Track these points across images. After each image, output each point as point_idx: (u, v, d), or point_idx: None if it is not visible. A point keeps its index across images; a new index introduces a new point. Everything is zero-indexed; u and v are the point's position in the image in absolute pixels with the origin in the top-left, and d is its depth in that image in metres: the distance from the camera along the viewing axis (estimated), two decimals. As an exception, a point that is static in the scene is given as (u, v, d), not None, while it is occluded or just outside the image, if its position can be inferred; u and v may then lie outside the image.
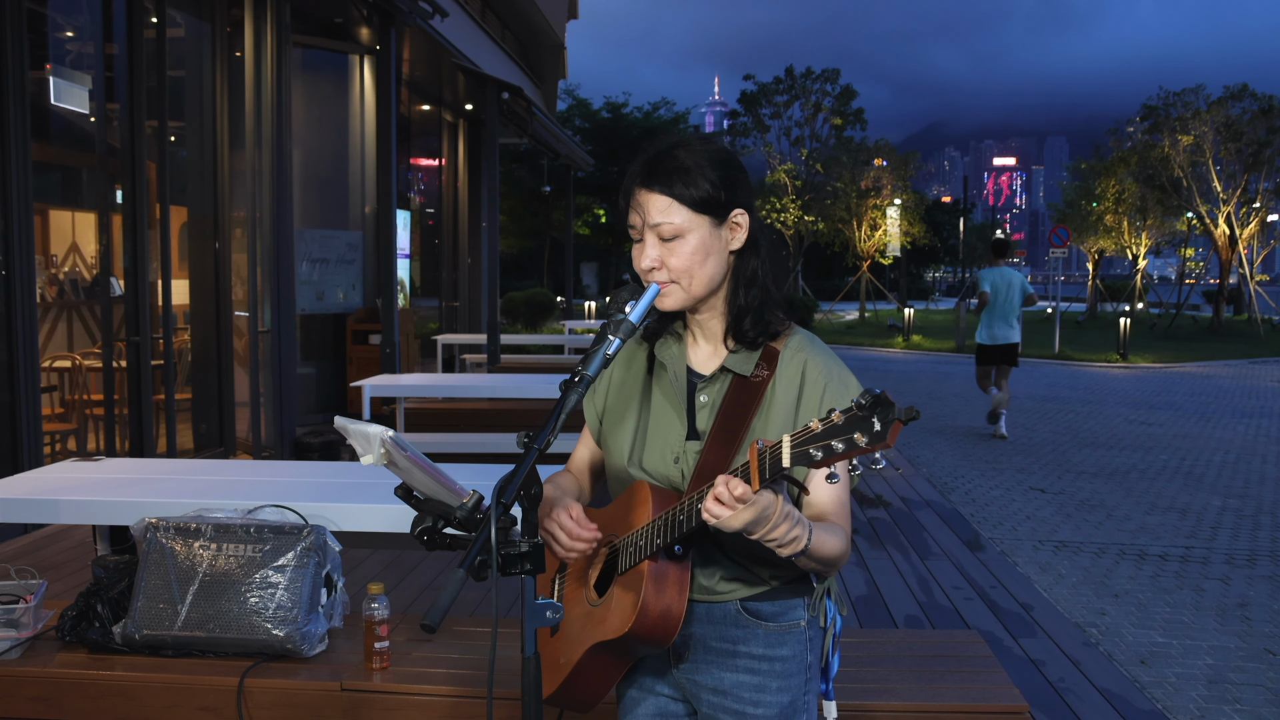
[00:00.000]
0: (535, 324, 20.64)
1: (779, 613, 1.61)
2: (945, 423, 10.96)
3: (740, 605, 1.60)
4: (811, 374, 1.57)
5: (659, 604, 1.44)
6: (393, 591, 4.27)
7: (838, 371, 1.59)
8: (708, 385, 1.60)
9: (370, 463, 1.47)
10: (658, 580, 1.45)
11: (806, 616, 1.63)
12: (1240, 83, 27.10)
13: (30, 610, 2.51)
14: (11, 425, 4.92)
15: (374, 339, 9.47)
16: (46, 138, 5.86)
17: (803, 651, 1.62)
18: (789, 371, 1.57)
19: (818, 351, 1.60)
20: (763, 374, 1.57)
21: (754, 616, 1.60)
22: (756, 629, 1.60)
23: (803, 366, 1.58)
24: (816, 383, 1.56)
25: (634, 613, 1.43)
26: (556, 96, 19.81)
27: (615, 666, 1.56)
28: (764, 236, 1.60)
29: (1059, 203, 39.06)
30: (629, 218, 1.56)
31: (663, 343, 1.65)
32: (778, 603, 1.61)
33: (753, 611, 1.60)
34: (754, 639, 1.60)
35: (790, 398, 1.56)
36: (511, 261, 36.76)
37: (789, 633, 1.61)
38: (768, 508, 1.30)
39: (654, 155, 1.54)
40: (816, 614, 1.65)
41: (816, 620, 1.65)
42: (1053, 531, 6.33)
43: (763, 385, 1.56)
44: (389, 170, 8.09)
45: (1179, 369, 18.29)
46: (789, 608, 1.62)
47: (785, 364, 1.58)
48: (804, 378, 1.57)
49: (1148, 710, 3.58)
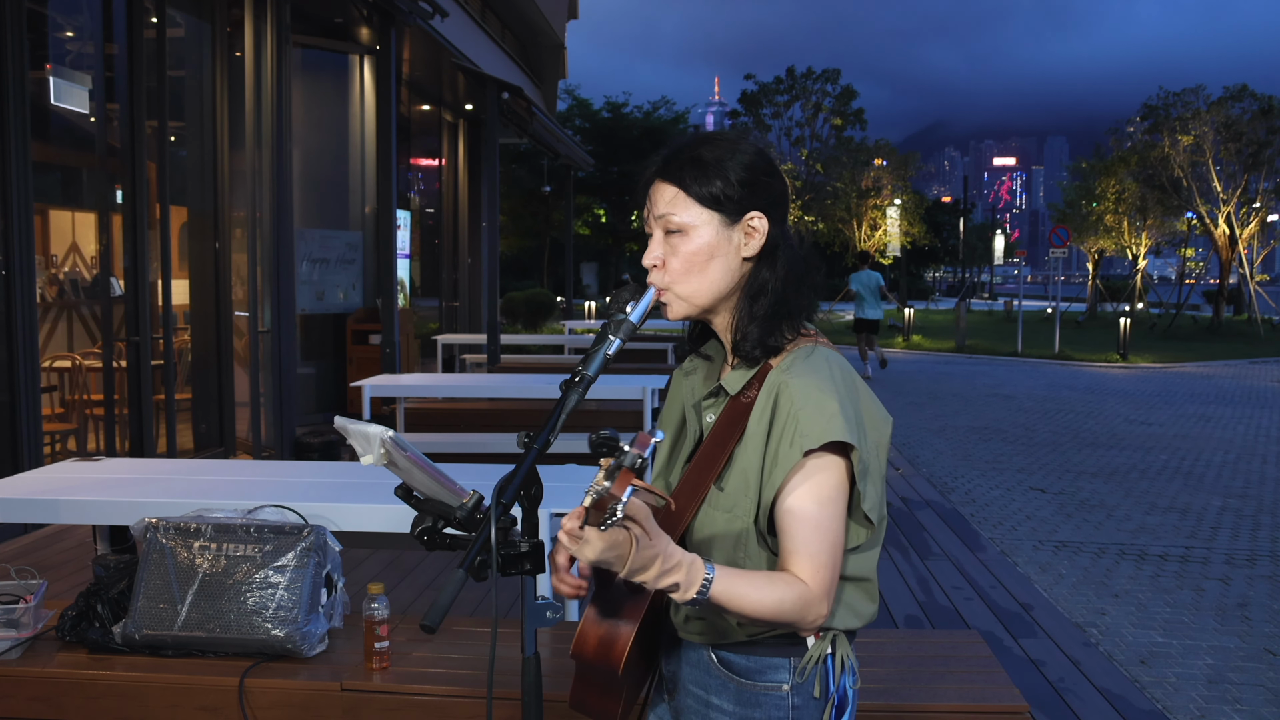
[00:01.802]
0: (535, 324, 20.64)
1: (755, 669, 1.43)
2: (945, 423, 10.96)
3: (713, 652, 1.45)
4: (784, 403, 1.36)
5: (597, 630, 1.36)
6: (393, 591, 4.27)
7: (816, 397, 1.35)
8: (711, 404, 1.48)
9: (370, 463, 1.47)
10: (601, 606, 1.37)
11: (792, 681, 1.42)
12: (1240, 83, 27.14)
13: (30, 610, 2.51)
14: (11, 425, 4.92)
15: (374, 339, 9.47)
16: (46, 138, 5.86)
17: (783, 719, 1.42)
18: (766, 395, 1.39)
19: (802, 372, 1.38)
20: (751, 395, 1.41)
21: (726, 668, 1.44)
22: (728, 683, 1.43)
23: (776, 393, 1.37)
24: (785, 410, 1.36)
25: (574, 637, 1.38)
26: (556, 96, 19.81)
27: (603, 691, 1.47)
28: (786, 247, 1.43)
29: (1059, 203, 39.07)
30: (642, 211, 1.46)
31: (690, 360, 1.57)
32: (753, 658, 1.43)
33: (725, 662, 1.44)
34: (725, 692, 1.44)
35: (762, 427, 1.38)
36: (511, 261, 36.75)
37: (765, 694, 1.42)
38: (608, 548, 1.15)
39: (675, 148, 1.43)
40: (808, 680, 1.42)
41: (808, 687, 1.42)
42: (1053, 531, 6.33)
43: (748, 408, 1.40)
44: (389, 170, 8.09)
45: (1179, 369, 18.29)
46: (768, 666, 1.42)
47: (768, 386, 1.39)
48: (775, 407, 1.37)
49: (1148, 710, 3.58)
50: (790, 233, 1.47)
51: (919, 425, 10.63)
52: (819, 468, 1.35)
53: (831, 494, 1.36)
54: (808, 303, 1.46)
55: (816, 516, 1.34)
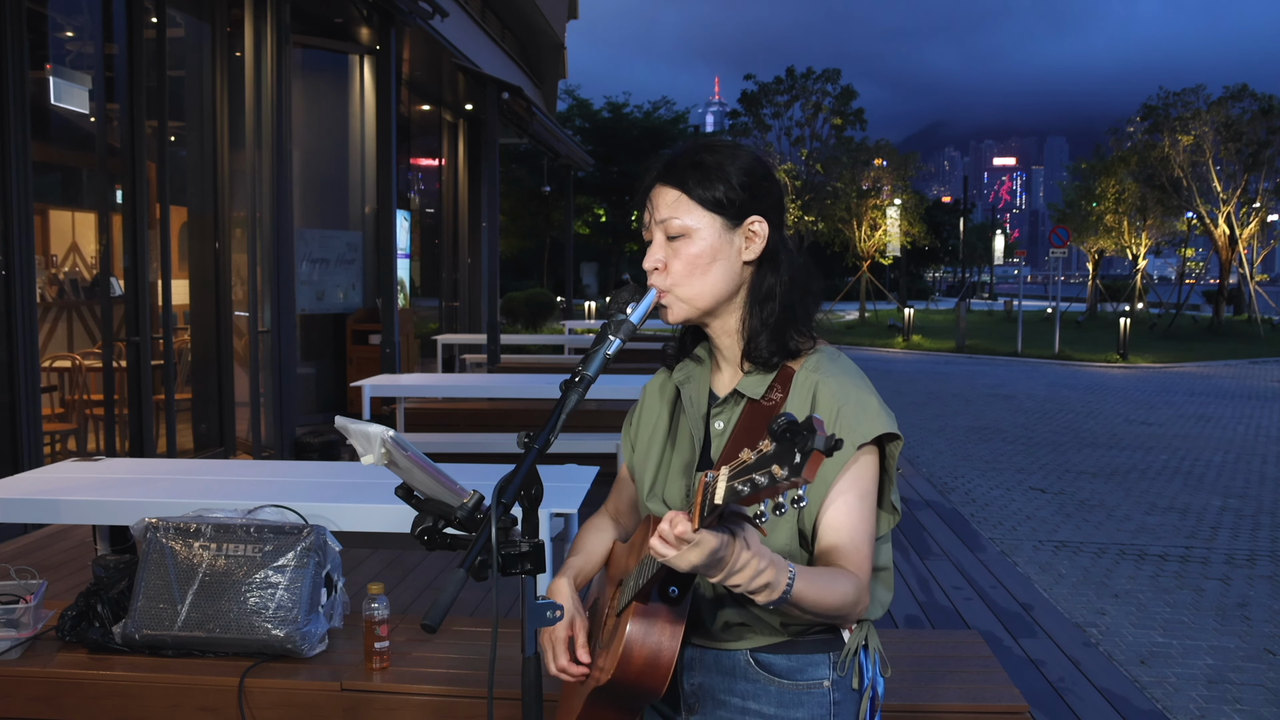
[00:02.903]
0: (535, 324, 20.65)
1: (796, 669, 1.42)
2: (945, 423, 10.96)
3: (750, 656, 1.43)
4: (824, 397, 1.39)
5: (643, 650, 1.31)
6: (393, 591, 4.27)
7: (855, 393, 1.40)
8: (722, 410, 1.47)
9: (370, 463, 1.47)
10: (644, 623, 1.32)
11: (832, 676, 1.42)
12: (1240, 83, 27.15)
13: (30, 610, 2.51)
14: (11, 425, 4.92)
15: (374, 339, 9.47)
16: (46, 138, 5.86)
17: (825, 715, 1.42)
18: (800, 395, 1.41)
19: (834, 371, 1.42)
20: (776, 397, 1.42)
21: (766, 670, 1.42)
22: (769, 685, 1.42)
23: (814, 390, 1.41)
24: (829, 407, 1.38)
25: (616, 659, 1.32)
26: (556, 96, 19.82)
27: (622, 707, 1.40)
28: (786, 251, 1.46)
29: (1059, 203, 39.09)
30: (642, 215, 1.46)
31: (682, 367, 1.55)
32: (795, 657, 1.42)
33: (765, 665, 1.42)
34: (765, 695, 1.42)
35: None
36: (511, 261, 36.76)
37: (807, 693, 1.42)
38: (718, 549, 1.11)
39: (677, 152, 1.44)
40: (846, 673, 1.43)
41: (847, 681, 1.43)
42: (1053, 531, 6.33)
43: (774, 410, 1.41)
44: (389, 170, 8.09)
45: (1179, 369, 18.29)
46: (809, 664, 1.42)
47: (798, 387, 1.41)
48: (815, 402, 1.40)
49: (1148, 710, 3.58)
50: (786, 235, 1.48)
51: (919, 425, 10.63)
52: (865, 463, 1.38)
53: (871, 487, 1.39)
54: (813, 307, 1.48)
55: (861, 510, 1.37)
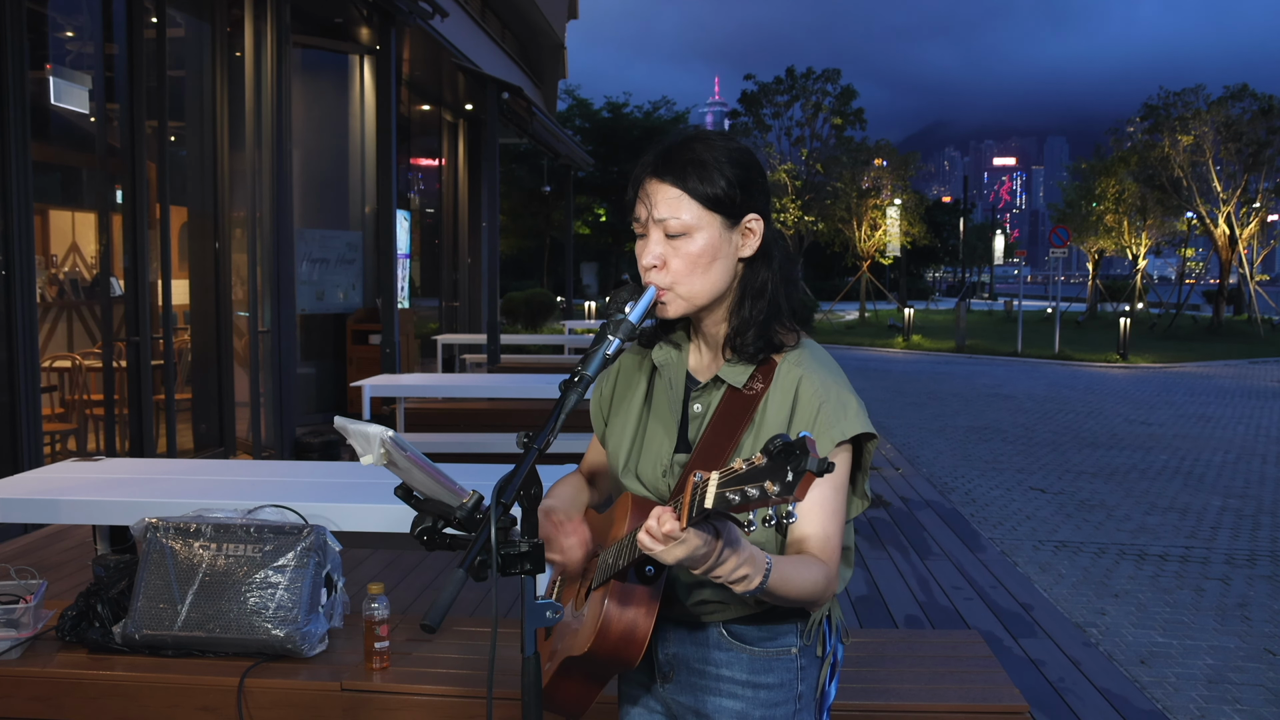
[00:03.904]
0: (535, 324, 20.64)
1: (766, 637, 1.50)
2: (945, 423, 10.96)
3: (723, 627, 1.50)
4: (805, 393, 1.44)
5: (620, 624, 1.38)
6: (393, 591, 4.27)
7: (836, 391, 1.44)
8: (701, 394, 1.50)
9: (370, 463, 1.47)
10: (621, 600, 1.39)
11: (799, 644, 1.51)
12: (1240, 83, 27.14)
13: (30, 610, 2.51)
14: (11, 425, 4.92)
15: (374, 339, 9.47)
16: (46, 138, 5.86)
17: (792, 680, 1.51)
18: (782, 388, 1.45)
19: (816, 367, 1.46)
20: (756, 387, 1.46)
21: (738, 640, 1.50)
22: (740, 653, 1.50)
23: (797, 383, 1.44)
24: (810, 403, 1.43)
25: (594, 633, 1.39)
26: (556, 96, 19.82)
27: (590, 681, 1.50)
28: (778, 247, 1.49)
29: (1059, 203, 39.08)
30: (634, 209, 1.45)
31: (660, 348, 1.55)
32: (765, 627, 1.50)
33: (737, 635, 1.50)
34: (737, 663, 1.50)
35: (782, 417, 1.44)
36: (511, 261, 36.75)
37: (777, 659, 1.50)
38: (701, 546, 1.16)
39: (669, 146, 1.43)
40: (811, 641, 1.52)
41: (812, 648, 1.52)
42: (1053, 531, 6.33)
43: (755, 400, 1.45)
44: (389, 170, 8.09)
45: (1179, 369, 18.29)
46: (778, 633, 1.50)
47: (780, 379, 1.45)
48: (797, 396, 1.44)
49: (1148, 710, 3.58)
50: (776, 228, 1.51)
51: (919, 425, 10.63)
52: (840, 460, 1.43)
53: (844, 481, 1.45)
54: (796, 297, 1.51)
55: (834, 502, 1.42)
